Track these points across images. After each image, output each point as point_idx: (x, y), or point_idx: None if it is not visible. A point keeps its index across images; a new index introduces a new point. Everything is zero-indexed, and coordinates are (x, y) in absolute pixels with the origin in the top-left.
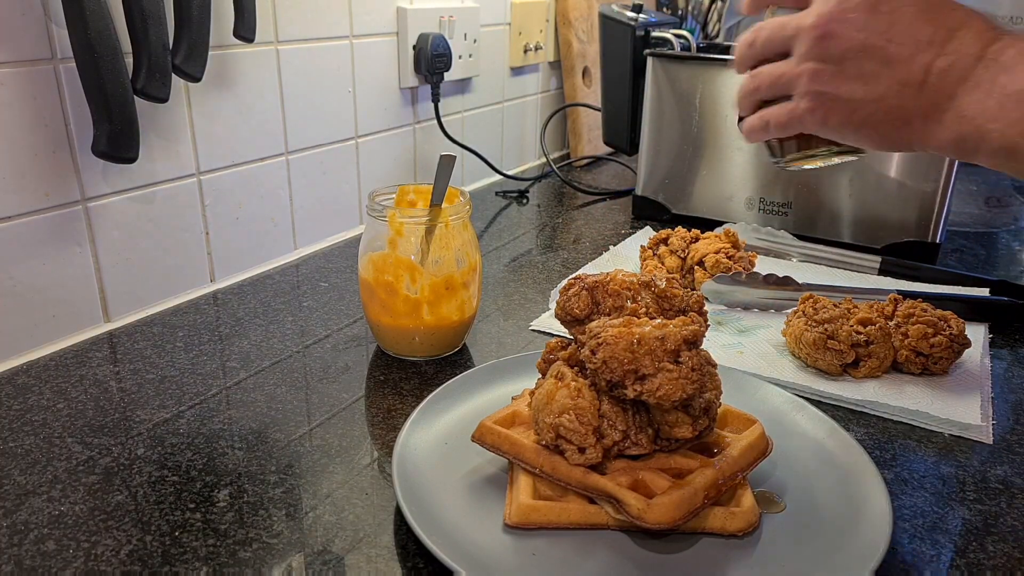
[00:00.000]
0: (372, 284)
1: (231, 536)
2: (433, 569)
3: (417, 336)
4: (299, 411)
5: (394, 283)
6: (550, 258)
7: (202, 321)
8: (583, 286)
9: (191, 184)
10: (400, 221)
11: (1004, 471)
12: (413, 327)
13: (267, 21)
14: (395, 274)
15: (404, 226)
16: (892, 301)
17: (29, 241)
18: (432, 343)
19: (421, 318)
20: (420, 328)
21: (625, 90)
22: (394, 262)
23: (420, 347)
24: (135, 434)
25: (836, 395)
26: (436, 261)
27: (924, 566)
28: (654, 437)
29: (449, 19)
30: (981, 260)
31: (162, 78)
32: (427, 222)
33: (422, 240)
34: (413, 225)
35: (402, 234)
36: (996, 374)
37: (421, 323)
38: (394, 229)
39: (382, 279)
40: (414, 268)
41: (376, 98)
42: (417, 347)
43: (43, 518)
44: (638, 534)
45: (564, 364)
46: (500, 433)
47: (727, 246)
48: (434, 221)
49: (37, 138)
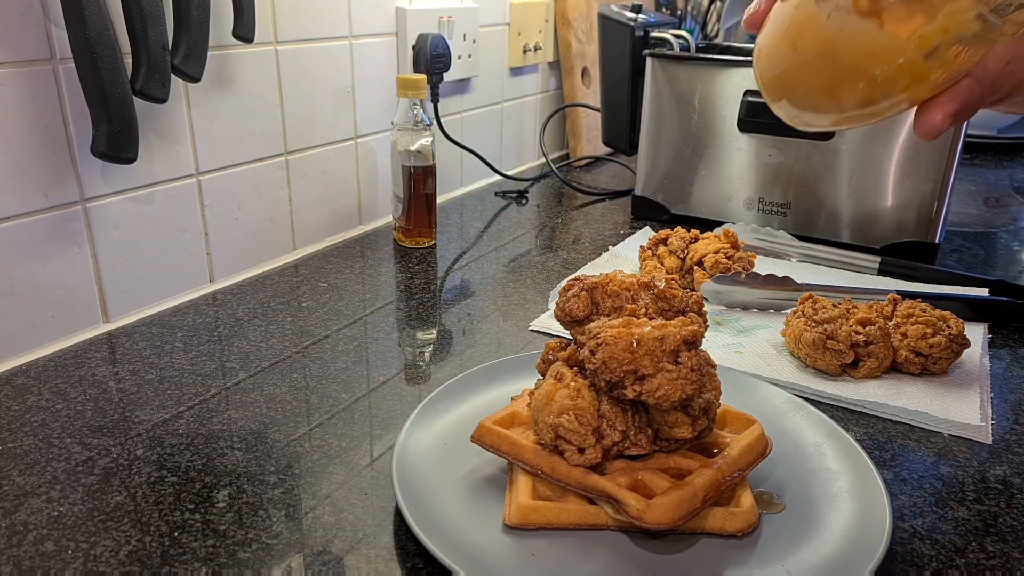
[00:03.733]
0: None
1: (230, 537)
2: (433, 569)
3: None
4: (298, 411)
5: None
6: (549, 258)
7: (201, 321)
8: (582, 287)
9: (190, 184)
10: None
11: (1003, 471)
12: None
13: (266, 21)
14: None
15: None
16: (891, 301)
17: (28, 242)
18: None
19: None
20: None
21: (624, 90)
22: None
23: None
24: (134, 435)
25: (835, 395)
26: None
27: (924, 566)
28: (653, 437)
29: (448, 19)
30: (980, 260)
31: (161, 78)
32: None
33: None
34: None
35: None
36: (995, 374)
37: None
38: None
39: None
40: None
41: (375, 98)
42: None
43: (42, 519)
44: (637, 534)
45: (563, 364)
46: (499, 433)
47: (726, 246)
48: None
49: (36, 139)
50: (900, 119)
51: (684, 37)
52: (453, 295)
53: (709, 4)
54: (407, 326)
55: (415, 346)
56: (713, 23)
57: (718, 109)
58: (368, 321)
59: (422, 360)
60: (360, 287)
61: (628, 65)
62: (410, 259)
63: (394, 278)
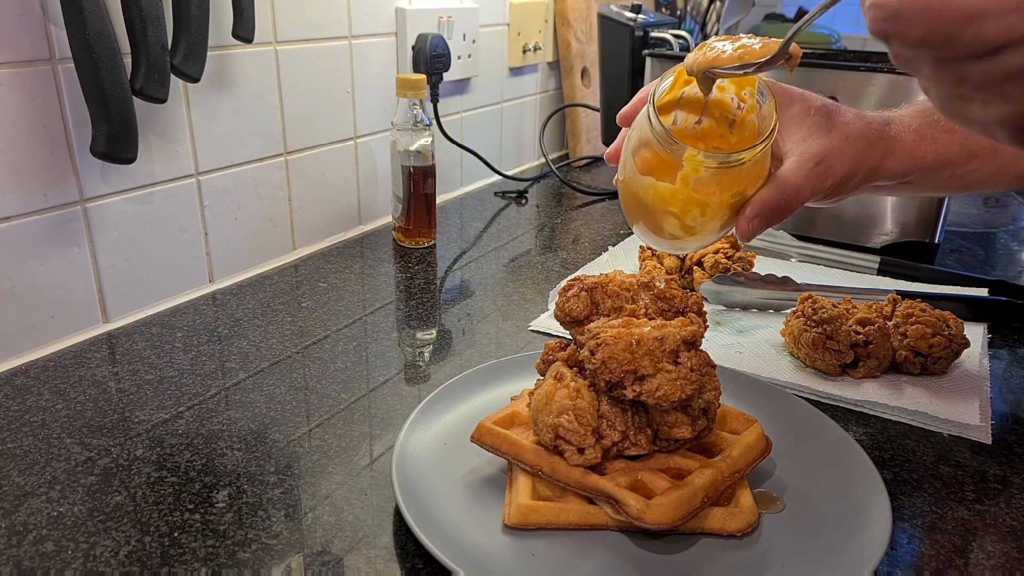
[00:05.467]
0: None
1: (230, 537)
2: (432, 570)
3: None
4: (298, 412)
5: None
6: (549, 259)
7: (201, 322)
8: (582, 287)
9: (190, 184)
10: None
11: (1003, 471)
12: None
13: (266, 21)
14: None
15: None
16: (891, 301)
17: (28, 242)
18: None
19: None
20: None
21: (624, 90)
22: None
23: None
24: (134, 435)
25: (835, 395)
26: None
27: (924, 566)
28: (653, 438)
29: (448, 19)
30: (980, 260)
31: (161, 78)
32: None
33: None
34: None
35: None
36: (995, 374)
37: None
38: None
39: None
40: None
41: (375, 98)
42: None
43: (42, 519)
44: (637, 534)
45: (563, 365)
46: (499, 434)
47: (726, 246)
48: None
49: (36, 139)
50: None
51: (684, 37)
52: (453, 295)
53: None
54: (407, 326)
55: (415, 346)
56: (712, 23)
57: None
58: (368, 321)
59: (422, 360)
60: (360, 287)
61: (628, 65)
62: (410, 259)
63: (394, 278)
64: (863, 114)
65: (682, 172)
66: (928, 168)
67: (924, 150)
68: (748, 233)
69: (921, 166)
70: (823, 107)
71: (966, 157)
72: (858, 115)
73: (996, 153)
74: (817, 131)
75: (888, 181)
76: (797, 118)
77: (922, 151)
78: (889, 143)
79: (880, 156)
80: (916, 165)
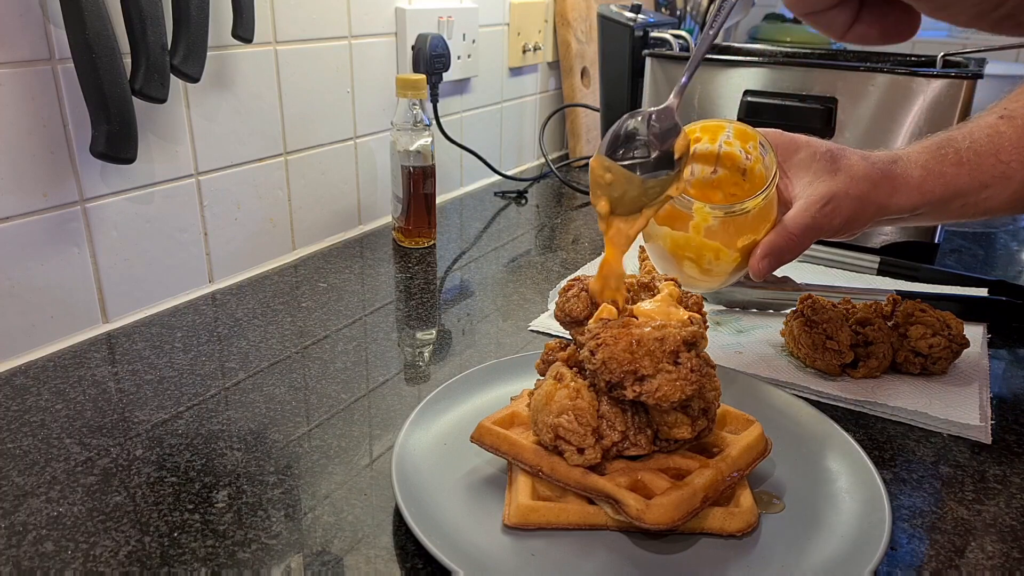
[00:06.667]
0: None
1: (230, 537)
2: (432, 570)
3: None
4: (298, 412)
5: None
6: (549, 259)
7: (200, 322)
8: (582, 287)
9: (189, 184)
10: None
11: (1003, 471)
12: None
13: (265, 21)
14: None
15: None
16: (891, 301)
17: (27, 242)
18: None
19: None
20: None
21: (624, 90)
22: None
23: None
24: (134, 435)
25: (835, 395)
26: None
27: (923, 566)
28: (653, 438)
29: (448, 19)
30: (979, 260)
31: (160, 78)
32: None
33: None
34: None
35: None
36: (995, 374)
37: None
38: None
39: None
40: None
41: (375, 98)
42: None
43: (41, 519)
44: (637, 535)
45: (563, 365)
46: (499, 434)
47: None
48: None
49: (35, 139)
50: (901, 118)
51: (683, 37)
52: (452, 295)
53: (709, 4)
54: (406, 326)
55: (414, 346)
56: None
57: (718, 109)
58: (367, 321)
59: (421, 360)
60: (359, 287)
61: (628, 65)
62: (409, 259)
63: (393, 278)
64: (868, 155)
65: (693, 222)
66: (939, 201)
67: (932, 184)
68: (760, 272)
69: (930, 200)
70: (828, 152)
71: (977, 187)
72: (863, 156)
73: (1008, 180)
74: (823, 174)
75: (898, 215)
76: (803, 163)
77: (929, 185)
78: (895, 180)
79: (887, 194)
80: (924, 200)
